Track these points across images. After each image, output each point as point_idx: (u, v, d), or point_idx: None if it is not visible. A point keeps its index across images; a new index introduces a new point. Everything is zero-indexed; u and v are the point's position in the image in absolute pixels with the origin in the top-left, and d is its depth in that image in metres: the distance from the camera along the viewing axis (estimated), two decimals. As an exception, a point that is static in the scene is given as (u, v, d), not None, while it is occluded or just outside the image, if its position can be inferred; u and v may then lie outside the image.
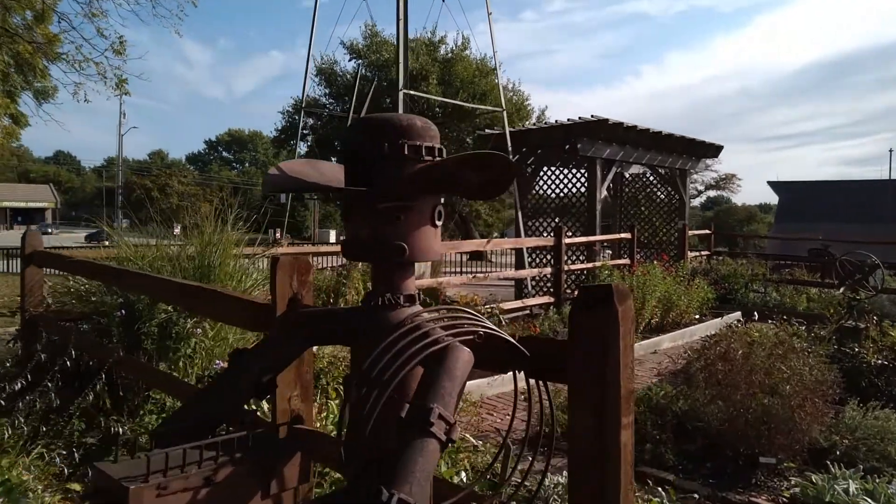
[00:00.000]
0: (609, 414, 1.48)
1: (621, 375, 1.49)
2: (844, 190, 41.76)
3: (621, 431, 1.49)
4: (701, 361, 4.45)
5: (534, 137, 11.30)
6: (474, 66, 32.17)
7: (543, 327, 8.14)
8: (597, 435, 1.49)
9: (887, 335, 6.48)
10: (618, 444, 1.48)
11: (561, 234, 9.52)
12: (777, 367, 4.05)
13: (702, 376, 4.43)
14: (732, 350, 4.26)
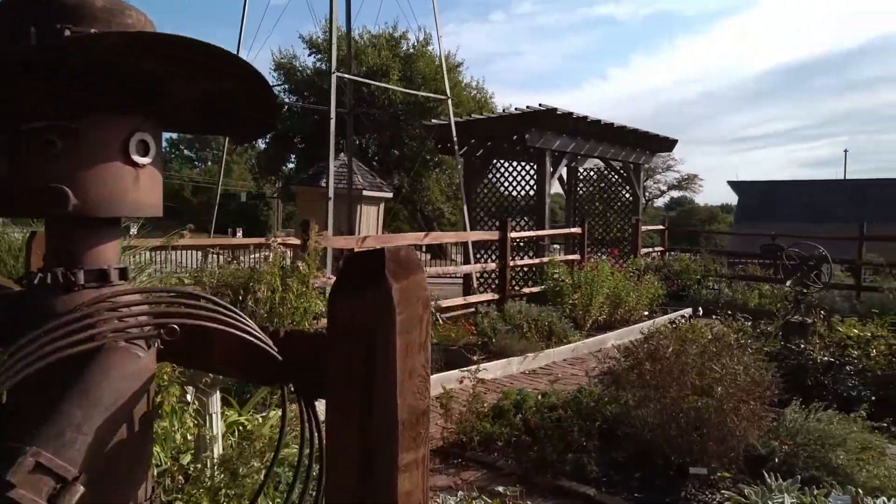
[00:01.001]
0: (379, 449, 0.98)
1: (399, 390, 0.98)
2: (802, 190, 42.67)
3: (398, 475, 0.99)
4: (629, 360, 4.01)
5: (482, 128, 10.83)
6: (436, 63, 31.69)
7: (483, 325, 7.68)
8: (360, 481, 0.98)
9: (835, 331, 6.17)
10: (391, 496, 0.98)
11: (506, 228, 9.08)
12: (709, 366, 3.63)
13: (630, 377, 3.99)
14: (662, 348, 3.82)
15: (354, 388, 0.99)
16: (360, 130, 29.78)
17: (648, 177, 57.24)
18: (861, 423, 4.20)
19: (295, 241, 6.32)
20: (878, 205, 33.91)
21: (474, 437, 4.34)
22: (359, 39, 31.07)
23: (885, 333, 5.92)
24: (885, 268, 11.13)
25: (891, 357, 5.51)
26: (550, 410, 4.62)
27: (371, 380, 0.97)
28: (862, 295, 10.78)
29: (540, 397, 4.92)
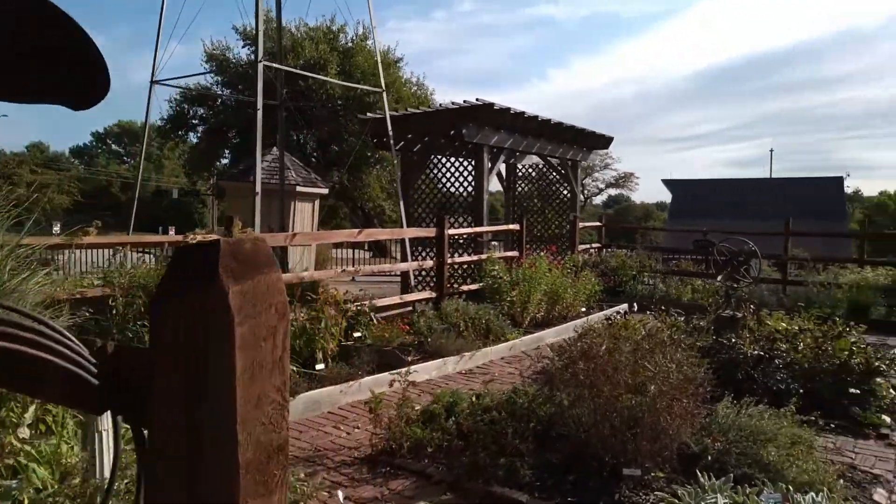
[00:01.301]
0: (207, 494, 0.75)
1: (241, 423, 0.76)
2: (731, 188, 44.41)
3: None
4: (563, 359, 3.88)
5: (419, 123, 10.62)
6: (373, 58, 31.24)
7: (419, 325, 7.47)
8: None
9: (764, 324, 6.27)
10: (228, 561, 0.76)
11: (443, 224, 8.89)
12: (642, 364, 3.53)
13: (564, 376, 3.87)
14: (595, 346, 3.71)
15: (178, 424, 0.75)
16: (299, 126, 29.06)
17: (587, 175, 58.35)
18: (790, 417, 4.22)
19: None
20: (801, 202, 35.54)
21: (404, 443, 4.13)
22: (296, 32, 30.30)
23: (811, 327, 6.04)
24: (810, 262, 11.55)
25: (817, 350, 5.61)
26: (484, 412, 4.46)
27: (198, 411, 0.74)
28: (788, 289, 11.17)
29: (474, 399, 4.75)
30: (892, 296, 10.05)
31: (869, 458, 4.38)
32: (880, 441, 4.73)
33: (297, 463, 4.10)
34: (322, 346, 6.14)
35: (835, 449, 4.54)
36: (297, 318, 6.22)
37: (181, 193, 64.29)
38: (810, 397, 5.26)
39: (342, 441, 4.57)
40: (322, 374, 5.64)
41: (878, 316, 9.62)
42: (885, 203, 58.39)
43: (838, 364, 5.37)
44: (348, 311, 6.87)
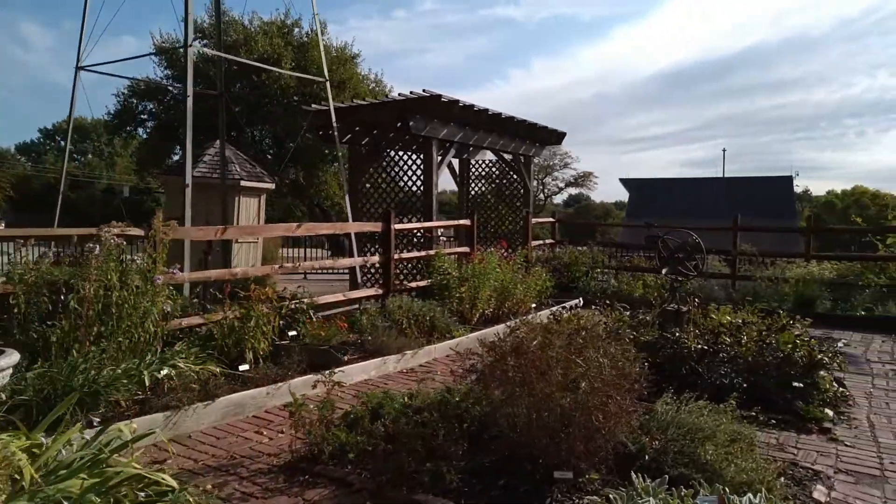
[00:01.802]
0: None
1: None
2: (686, 186, 45.38)
3: None
4: (493, 356, 3.64)
5: (366, 115, 10.27)
6: (333, 54, 30.76)
7: (361, 322, 7.16)
8: None
9: (709, 318, 6.16)
10: None
11: (390, 219, 8.59)
12: (574, 360, 3.31)
13: (496, 374, 3.63)
14: (527, 341, 3.48)
15: None
16: (253, 122, 28.35)
17: (547, 174, 58.81)
18: (731, 413, 4.07)
19: (137, 232, 5.53)
20: (753, 200, 36.40)
21: (325, 448, 3.83)
22: (249, 25, 29.59)
23: (754, 320, 5.96)
24: (758, 258, 11.64)
25: (761, 343, 5.51)
26: (416, 413, 4.19)
27: None
28: (737, 284, 11.22)
29: (407, 399, 4.48)
30: (837, 290, 10.16)
31: (811, 453, 4.27)
32: (822, 435, 4.63)
33: (207, 473, 3.77)
34: (252, 345, 5.79)
35: (777, 445, 4.41)
36: (227, 315, 5.86)
37: (133, 191, 62.28)
38: (754, 391, 5.16)
39: (263, 447, 4.24)
40: (247, 376, 5.28)
41: (824, 310, 9.71)
42: (832, 202, 60.47)
43: (782, 357, 5.28)
44: (284, 308, 6.53)
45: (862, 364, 6.91)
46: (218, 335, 5.86)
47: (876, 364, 6.94)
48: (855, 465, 4.07)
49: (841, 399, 5.39)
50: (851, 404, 5.38)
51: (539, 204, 56.26)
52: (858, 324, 9.20)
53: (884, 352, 7.60)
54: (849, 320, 9.34)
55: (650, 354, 5.64)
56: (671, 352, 5.61)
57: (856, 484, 3.79)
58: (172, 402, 4.48)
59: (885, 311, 9.45)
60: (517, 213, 13.21)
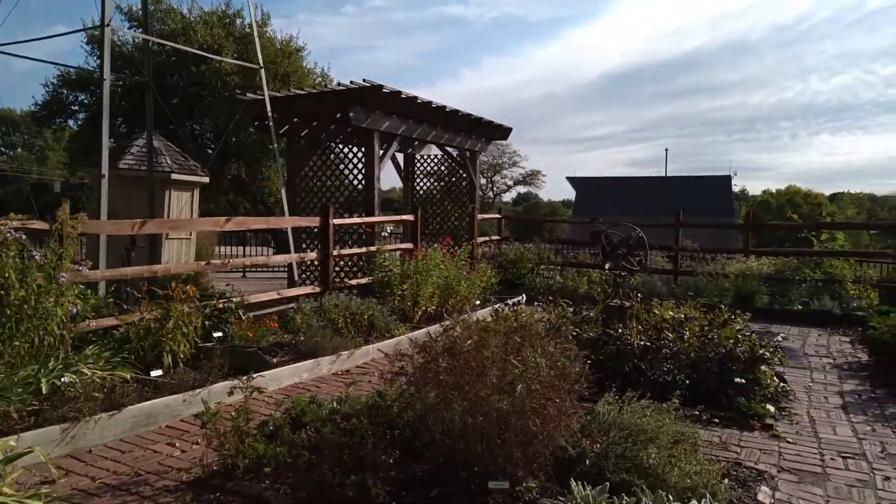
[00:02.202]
0: None
1: None
2: (630, 185, 46.37)
3: None
4: (424, 356, 3.36)
5: (305, 105, 9.83)
6: (277, 46, 29.88)
7: (295, 322, 6.78)
8: None
9: (652, 313, 6.04)
10: None
11: (328, 214, 8.20)
12: (510, 360, 3.06)
13: (427, 376, 3.35)
14: (461, 341, 3.21)
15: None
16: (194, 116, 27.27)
17: (496, 172, 59.06)
18: (673, 412, 3.90)
19: (41, 226, 5.01)
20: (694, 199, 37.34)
21: (240, 462, 3.47)
22: (188, 15, 28.49)
23: (697, 315, 5.87)
24: (699, 253, 11.76)
25: (703, 339, 5.42)
26: (344, 420, 3.87)
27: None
28: (679, 279, 11.30)
29: (335, 404, 4.16)
30: (774, 284, 10.33)
31: (754, 451, 4.16)
32: (765, 432, 4.54)
33: (104, 492, 3.36)
34: (171, 348, 5.34)
35: (721, 443, 4.29)
36: (144, 316, 5.39)
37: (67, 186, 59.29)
38: (697, 388, 5.05)
39: (173, 461, 3.84)
40: (162, 382, 4.84)
41: (762, 304, 9.84)
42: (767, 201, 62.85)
43: (724, 353, 5.19)
44: (208, 308, 6.09)
45: (800, 358, 6.96)
46: (134, 338, 5.40)
47: (814, 358, 7.00)
48: (797, 463, 3.97)
49: (782, 394, 5.35)
50: (792, 399, 5.35)
51: (488, 202, 56.39)
52: (796, 318, 9.35)
53: (820, 345, 7.70)
54: (786, 314, 9.48)
55: (593, 352, 5.50)
56: (614, 349, 5.45)
57: (799, 483, 3.68)
58: (72, 412, 4.03)
59: (820, 305, 9.64)
60: (463, 209, 12.98)
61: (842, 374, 6.33)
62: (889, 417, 4.93)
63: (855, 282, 10.02)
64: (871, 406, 5.24)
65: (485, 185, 59.82)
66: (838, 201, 57.90)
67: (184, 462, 3.82)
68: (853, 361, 6.84)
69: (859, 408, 5.19)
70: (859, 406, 5.24)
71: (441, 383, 3.23)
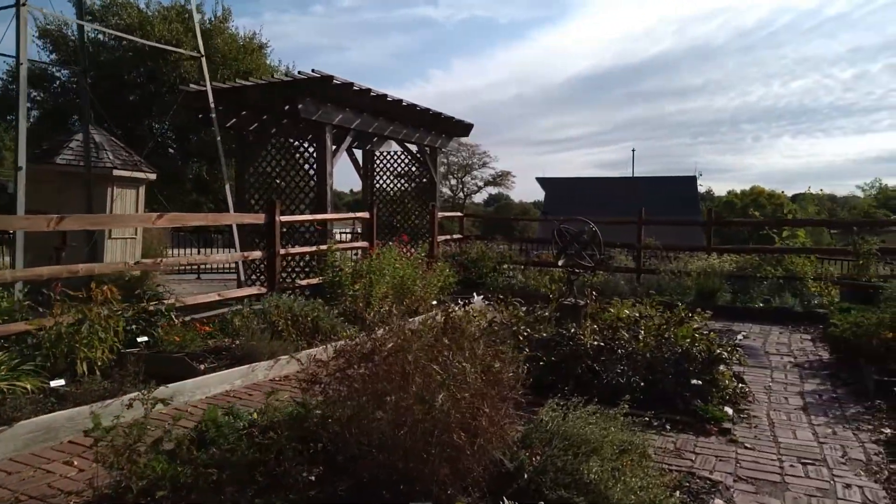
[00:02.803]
0: None
1: None
2: (598, 185, 46.59)
3: None
4: (339, 362, 2.99)
5: (252, 96, 9.36)
6: (239, 43, 29.17)
7: (232, 325, 6.34)
8: None
9: (607, 312, 5.76)
10: None
11: (274, 210, 7.78)
12: (430, 367, 2.71)
13: (343, 384, 2.98)
14: (380, 345, 2.85)
15: None
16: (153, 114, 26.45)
17: (466, 172, 58.92)
18: (623, 417, 3.60)
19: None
20: (660, 199, 37.57)
21: (133, 485, 3.06)
22: (145, 9, 27.68)
23: (652, 313, 5.61)
24: (662, 251, 11.59)
25: (659, 338, 5.15)
26: (263, 433, 3.48)
27: None
28: (642, 277, 11.12)
29: (255, 416, 3.77)
30: (736, 282, 10.20)
31: (709, 458, 3.88)
32: (722, 437, 4.27)
33: (-30, 524, 2.91)
34: (85, 355, 4.87)
35: (675, 450, 4.00)
36: (58, 320, 4.92)
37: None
38: (652, 390, 4.78)
39: (65, 483, 3.41)
40: (65, 392, 4.39)
41: (724, 302, 9.69)
42: (732, 201, 63.84)
43: (680, 353, 4.92)
44: (134, 310, 5.64)
45: (761, 357, 6.76)
46: (45, 344, 4.92)
47: (775, 356, 6.80)
48: (755, 471, 3.70)
49: (741, 395, 5.11)
50: (751, 401, 5.11)
51: (459, 203, 56.18)
52: (757, 315, 9.21)
53: (782, 343, 7.53)
54: (748, 312, 9.34)
55: (545, 353, 5.20)
56: (567, 350, 5.16)
57: (756, 494, 3.40)
58: (-49, 429, 3.56)
59: (782, 303, 9.52)
60: (424, 207, 12.63)
61: (803, 373, 6.13)
62: (850, 419, 4.72)
63: (816, 279, 9.93)
64: (832, 407, 5.03)
65: (455, 185, 59.66)
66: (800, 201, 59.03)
67: (77, 484, 3.39)
68: (814, 360, 6.66)
69: (820, 409, 4.97)
70: (820, 407, 5.02)
71: (357, 392, 2.87)
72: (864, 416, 4.79)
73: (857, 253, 9.71)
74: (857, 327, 5.88)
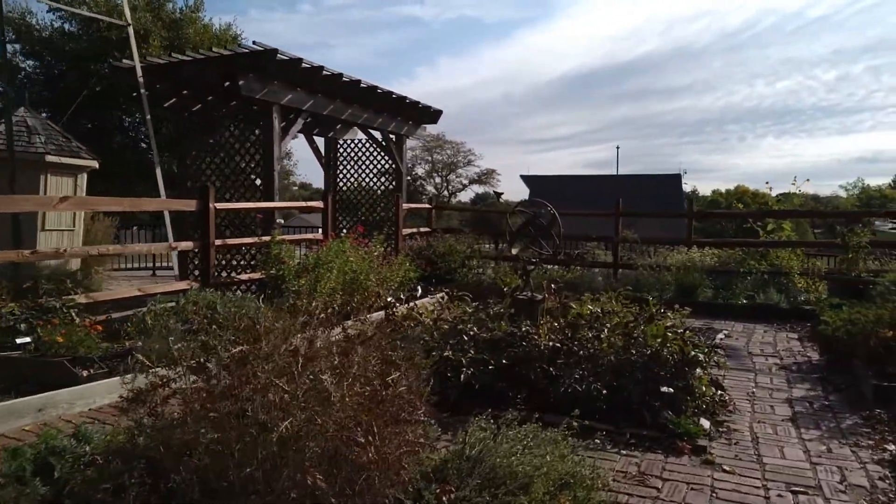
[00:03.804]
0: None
1: None
2: (582, 183, 46.11)
3: None
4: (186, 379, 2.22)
5: (190, 73, 8.50)
6: (212, 33, 28.19)
7: (146, 324, 5.53)
8: None
9: (569, 308, 5.01)
10: None
11: (207, 197, 6.98)
12: (276, 383, 1.95)
13: (181, 408, 2.21)
14: (220, 352, 2.08)
15: None
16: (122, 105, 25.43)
17: (451, 170, 58.21)
18: (571, 439, 2.86)
19: None
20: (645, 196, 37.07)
21: None
22: (109, -2, 26.65)
23: (617, 308, 4.87)
24: (640, 245, 10.90)
25: (627, 338, 4.42)
26: (107, 462, 2.71)
27: None
28: (619, 272, 10.41)
29: (110, 438, 2.99)
30: (718, 277, 9.54)
31: (679, 486, 3.14)
32: (696, 457, 3.54)
33: None
34: (-62, 359, 4.06)
35: (638, 475, 3.26)
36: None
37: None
38: (617, 399, 4.05)
39: None
40: None
41: (705, 298, 9.01)
42: (717, 200, 63.71)
43: (649, 355, 4.19)
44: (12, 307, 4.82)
45: (744, 358, 6.05)
46: None
47: (759, 357, 6.10)
48: (735, 503, 2.98)
49: (720, 404, 4.38)
50: (732, 410, 4.39)
51: (443, 200, 55.41)
52: (740, 313, 8.53)
53: (766, 343, 6.84)
54: (731, 309, 8.66)
55: (494, 355, 4.45)
56: (519, 351, 4.41)
57: (735, 536, 2.67)
58: None
59: (766, 299, 8.85)
60: (390, 198, 11.84)
61: (790, 376, 5.43)
62: (847, 432, 4.01)
63: (802, 274, 9.28)
64: (825, 417, 4.33)
65: (440, 184, 58.94)
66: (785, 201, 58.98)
67: None
68: (802, 361, 5.97)
69: (812, 420, 4.26)
70: (811, 418, 4.31)
71: (195, 415, 2.10)
72: (862, 428, 4.09)
73: (846, 246, 9.07)
74: (852, 325, 5.18)
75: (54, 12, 26.35)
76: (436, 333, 4.86)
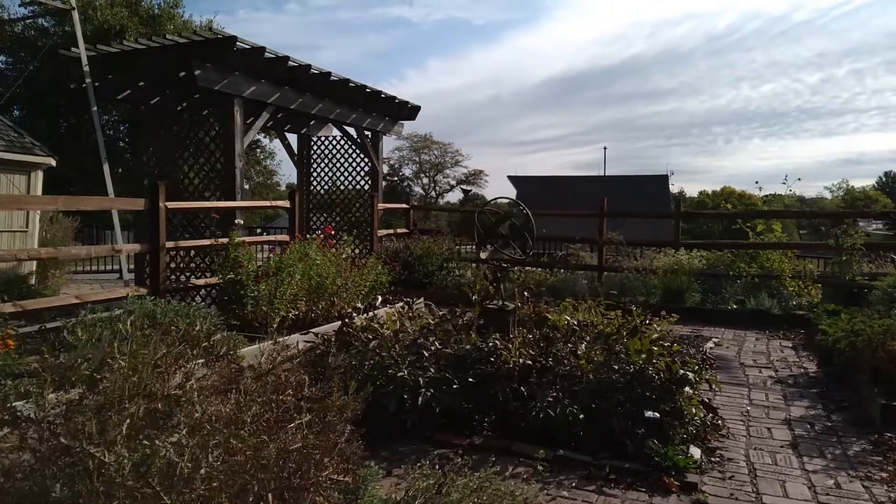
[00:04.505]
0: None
1: None
2: (569, 184, 45.76)
3: None
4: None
5: (145, 62, 7.91)
6: (192, 29, 27.50)
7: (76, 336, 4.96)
8: None
9: (545, 318, 4.51)
10: None
11: (157, 195, 6.42)
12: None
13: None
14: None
15: None
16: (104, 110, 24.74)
17: (438, 171, 57.72)
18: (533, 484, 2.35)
19: None
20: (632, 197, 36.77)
21: None
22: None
23: (597, 320, 4.37)
24: (625, 246, 10.44)
25: (609, 353, 3.92)
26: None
27: None
28: (604, 276, 9.95)
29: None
30: (707, 281, 9.10)
31: (666, 537, 2.65)
32: (685, 496, 3.04)
33: None
34: None
35: (617, 522, 2.76)
36: None
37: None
38: (597, 423, 3.55)
39: None
40: None
41: (694, 303, 8.56)
42: (704, 201, 63.72)
43: (632, 373, 3.69)
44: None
45: (736, 370, 5.58)
46: None
47: (752, 370, 5.63)
48: (732, 561, 2.48)
49: (712, 428, 3.89)
50: (725, 434, 3.90)
51: (430, 201, 54.88)
52: (730, 318, 8.09)
53: (759, 352, 6.37)
54: (720, 315, 8.22)
55: (459, 373, 3.94)
56: (487, 368, 3.90)
57: None
58: None
59: (757, 304, 8.41)
60: (365, 198, 11.30)
61: (787, 391, 4.96)
62: (855, 462, 3.54)
63: (794, 277, 8.86)
64: (830, 442, 3.85)
65: (427, 185, 58.42)
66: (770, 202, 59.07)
67: None
68: (799, 374, 5.51)
69: (814, 446, 3.78)
70: (814, 443, 3.83)
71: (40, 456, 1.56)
72: (872, 456, 3.62)
73: (840, 248, 8.65)
74: (856, 336, 4.71)
75: (27, 7, 25.60)
76: (397, 347, 4.34)
